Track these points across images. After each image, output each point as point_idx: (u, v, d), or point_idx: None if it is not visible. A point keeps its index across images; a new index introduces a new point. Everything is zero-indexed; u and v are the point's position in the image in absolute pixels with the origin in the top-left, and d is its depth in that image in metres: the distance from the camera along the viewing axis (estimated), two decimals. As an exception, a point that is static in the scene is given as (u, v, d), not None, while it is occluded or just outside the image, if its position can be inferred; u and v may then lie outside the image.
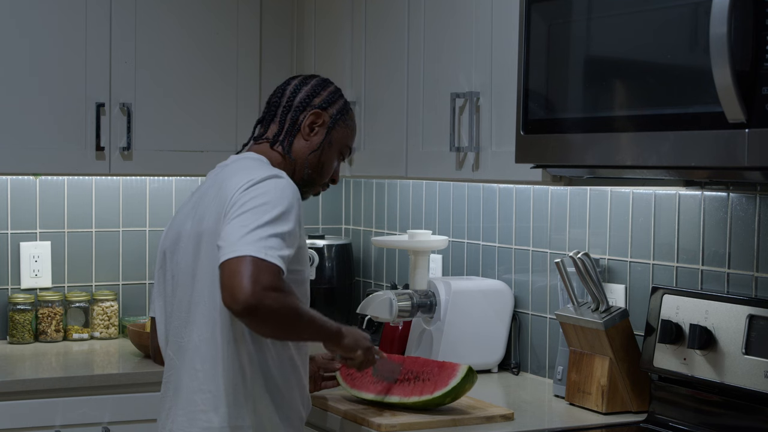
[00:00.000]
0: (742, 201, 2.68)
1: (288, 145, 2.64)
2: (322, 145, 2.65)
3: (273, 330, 2.41)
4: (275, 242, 2.34)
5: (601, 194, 3.09)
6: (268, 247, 2.32)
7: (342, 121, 2.68)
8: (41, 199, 3.92)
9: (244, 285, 2.28)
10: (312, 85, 2.68)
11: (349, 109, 2.72)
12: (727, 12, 1.99)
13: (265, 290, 2.28)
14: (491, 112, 2.90)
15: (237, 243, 2.32)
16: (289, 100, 2.66)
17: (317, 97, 2.66)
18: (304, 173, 2.66)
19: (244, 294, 2.28)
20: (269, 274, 2.30)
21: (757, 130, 2.00)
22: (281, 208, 2.39)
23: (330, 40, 3.63)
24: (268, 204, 2.39)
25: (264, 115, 2.70)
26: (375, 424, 2.67)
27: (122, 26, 3.64)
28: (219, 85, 3.80)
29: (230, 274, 2.31)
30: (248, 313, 2.31)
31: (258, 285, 2.28)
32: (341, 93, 2.72)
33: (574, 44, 2.49)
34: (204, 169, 2.90)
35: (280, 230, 2.36)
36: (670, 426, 2.72)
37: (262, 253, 2.31)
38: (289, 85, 2.69)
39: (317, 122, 2.65)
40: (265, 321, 2.34)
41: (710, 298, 2.66)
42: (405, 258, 3.88)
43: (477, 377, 2.80)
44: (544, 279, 3.30)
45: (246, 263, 2.30)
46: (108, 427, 3.32)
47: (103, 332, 3.92)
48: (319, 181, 2.70)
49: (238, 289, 2.28)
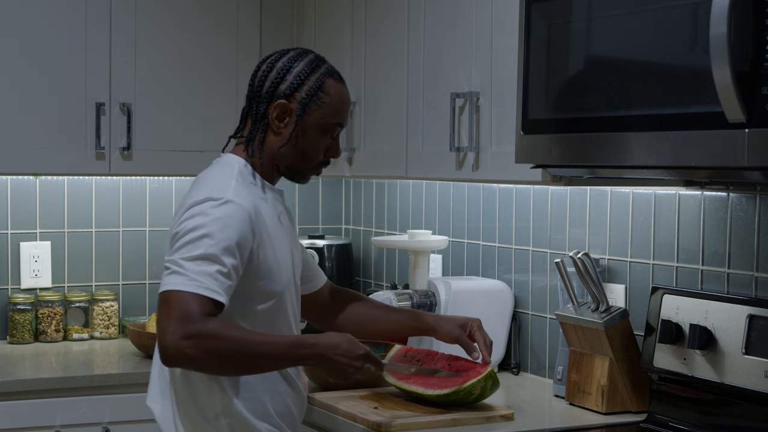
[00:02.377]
0: (742, 201, 2.68)
1: (260, 144, 2.52)
2: (292, 135, 2.49)
3: (216, 372, 2.39)
4: (205, 270, 2.29)
5: (601, 194, 3.09)
6: (193, 278, 2.28)
7: (314, 102, 2.49)
8: (41, 199, 3.92)
9: (165, 337, 2.25)
10: (277, 70, 2.50)
11: (323, 83, 2.50)
12: (727, 12, 1.99)
13: (183, 339, 2.24)
14: (491, 112, 2.90)
15: (165, 277, 2.32)
16: (257, 90, 2.51)
17: (282, 82, 2.49)
18: (285, 166, 2.54)
19: (163, 347, 2.26)
20: (190, 316, 2.24)
21: (757, 130, 2.00)
22: (216, 233, 2.33)
23: (330, 41, 3.63)
24: (203, 232, 2.34)
25: (245, 104, 2.58)
26: (375, 424, 2.67)
27: (122, 26, 3.64)
28: (219, 85, 3.80)
29: (159, 315, 2.30)
30: (174, 365, 2.32)
31: (175, 334, 2.24)
32: (315, 65, 2.51)
33: (574, 44, 2.49)
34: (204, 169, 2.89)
35: (207, 256, 2.31)
36: (670, 426, 2.72)
37: (186, 286, 2.28)
38: (259, 70, 2.53)
39: (285, 113, 2.49)
40: (196, 367, 2.33)
41: (710, 298, 2.66)
42: (405, 258, 3.88)
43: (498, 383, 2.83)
44: (544, 279, 3.30)
45: (171, 302, 2.27)
46: (108, 427, 3.32)
47: (103, 332, 3.92)
48: (308, 166, 2.55)
49: (159, 340, 2.27)
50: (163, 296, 2.30)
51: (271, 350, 2.36)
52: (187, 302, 2.26)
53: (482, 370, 2.77)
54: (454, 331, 2.77)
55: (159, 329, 2.29)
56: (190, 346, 2.24)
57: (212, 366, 2.33)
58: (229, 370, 2.38)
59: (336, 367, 2.43)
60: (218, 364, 2.33)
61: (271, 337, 2.40)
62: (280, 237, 2.50)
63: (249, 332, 2.37)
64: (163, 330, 2.27)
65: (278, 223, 2.52)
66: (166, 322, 2.26)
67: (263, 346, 2.35)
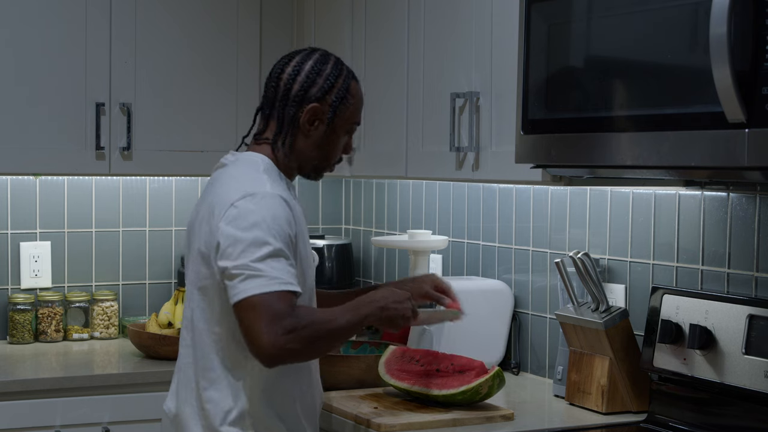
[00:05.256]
0: (742, 201, 2.68)
1: (289, 146, 2.55)
2: (323, 136, 2.55)
3: (311, 358, 2.48)
4: (277, 266, 2.33)
5: (601, 194, 3.09)
6: (273, 276, 2.32)
7: (343, 104, 2.55)
8: (41, 199, 3.92)
9: (262, 339, 2.29)
10: (306, 73, 2.52)
11: (349, 85, 2.56)
12: (727, 12, 1.99)
13: (284, 335, 2.29)
14: (491, 112, 2.90)
15: (240, 284, 2.32)
16: (284, 93, 2.53)
17: (313, 86, 2.52)
18: (310, 165, 2.59)
19: (264, 349, 2.30)
20: (281, 313, 2.29)
21: (757, 130, 2.00)
22: (273, 228, 2.36)
23: (330, 41, 3.63)
24: (260, 230, 2.36)
25: (263, 104, 2.60)
26: (375, 424, 2.67)
27: (122, 26, 3.64)
28: (219, 85, 3.80)
29: (246, 322, 2.32)
30: (278, 363, 2.36)
31: (272, 334, 2.28)
32: (340, 68, 2.56)
33: (574, 44, 2.49)
34: (204, 169, 2.90)
35: (274, 252, 2.34)
36: (670, 426, 2.72)
37: (269, 286, 2.31)
38: (284, 72, 2.54)
39: (316, 116, 2.53)
40: (297, 359, 2.39)
41: (710, 298, 2.66)
42: (405, 258, 3.88)
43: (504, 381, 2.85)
44: (544, 279, 3.30)
45: (258, 306, 2.30)
46: (108, 427, 3.32)
47: (103, 332, 3.92)
48: (328, 164, 2.61)
49: (257, 345, 2.30)
50: (247, 302, 2.31)
51: (348, 319, 2.42)
52: (274, 302, 2.31)
53: (485, 369, 2.78)
54: (421, 288, 2.77)
55: (252, 333, 2.30)
56: (291, 340, 2.29)
57: (312, 352, 2.43)
58: (324, 350, 2.48)
59: (395, 314, 2.50)
60: (316, 349, 2.41)
61: (340, 309, 2.44)
62: (305, 233, 2.54)
63: (325, 311, 2.44)
64: (257, 333, 2.29)
65: (303, 219, 2.55)
66: (259, 325, 2.29)
67: (341, 317, 2.41)
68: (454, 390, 2.77)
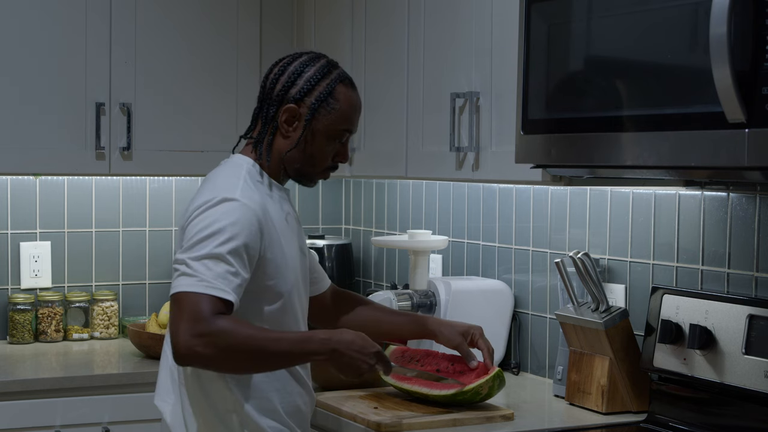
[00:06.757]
0: (742, 201, 2.68)
1: (268, 146, 2.53)
2: (300, 139, 2.51)
3: (230, 370, 2.40)
4: (213, 269, 2.32)
5: (601, 194, 3.09)
6: (203, 278, 2.30)
7: (323, 108, 2.50)
8: (41, 199, 3.92)
9: (177, 336, 2.27)
10: (289, 74, 2.51)
11: (333, 89, 2.51)
12: (727, 12, 1.99)
13: (194, 337, 2.26)
14: (491, 112, 2.90)
15: (175, 279, 2.33)
16: (268, 92, 2.52)
17: (293, 87, 2.50)
18: (293, 169, 2.56)
19: (175, 347, 2.29)
20: (199, 316, 2.26)
21: (757, 130, 2.00)
22: (224, 233, 2.35)
23: (330, 42, 3.63)
24: (211, 231, 2.36)
25: (257, 105, 2.59)
26: (375, 423, 2.67)
27: (122, 27, 3.64)
28: (219, 85, 3.80)
29: (171, 316, 2.32)
30: (188, 364, 2.34)
31: (186, 334, 2.26)
32: (326, 71, 2.52)
33: (574, 44, 2.49)
34: (204, 169, 2.90)
35: (215, 255, 2.33)
36: (670, 426, 2.72)
37: (195, 287, 2.30)
38: (271, 73, 2.54)
39: (294, 117, 2.50)
40: (209, 365, 2.35)
41: (710, 298, 2.66)
42: (405, 258, 3.88)
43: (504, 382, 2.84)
44: (544, 279, 3.30)
45: (182, 303, 2.29)
46: (108, 427, 3.32)
47: (103, 332, 3.92)
48: (314, 170, 2.57)
49: (173, 341, 2.29)
50: (174, 298, 2.32)
51: (282, 346, 2.37)
52: (197, 303, 2.29)
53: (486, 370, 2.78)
54: (455, 338, 2.78)
55: (171, 329, 2.31)
56: (201, 344, 2.26)
57: (224, 364, 2.35)
58: (242, 367, 2.39)
59: (349, 362, 2.42)
60: (230, 362, 2.34)
61: (282, 334, 2.41)
62: (288, 237, 2.51)
63: (260, 329, 2.37)
64: (175, 330, 2.29)
65: (285, 223, 2.53)
66: (179, 322, 2.29)
67: (274, 342, 2.36)
68: (455, 390, 2.77)
